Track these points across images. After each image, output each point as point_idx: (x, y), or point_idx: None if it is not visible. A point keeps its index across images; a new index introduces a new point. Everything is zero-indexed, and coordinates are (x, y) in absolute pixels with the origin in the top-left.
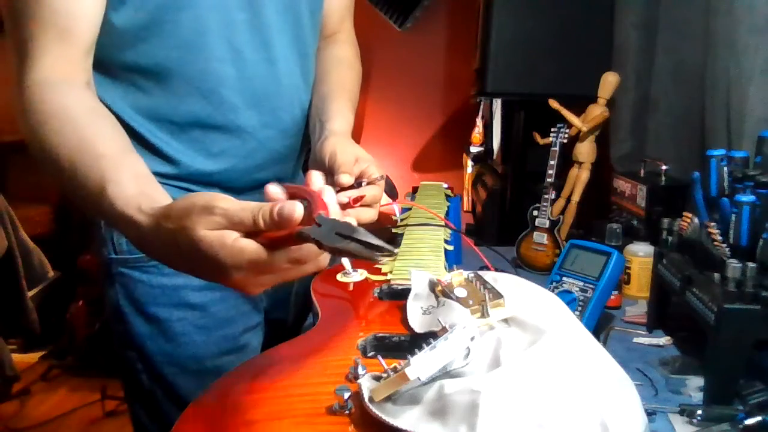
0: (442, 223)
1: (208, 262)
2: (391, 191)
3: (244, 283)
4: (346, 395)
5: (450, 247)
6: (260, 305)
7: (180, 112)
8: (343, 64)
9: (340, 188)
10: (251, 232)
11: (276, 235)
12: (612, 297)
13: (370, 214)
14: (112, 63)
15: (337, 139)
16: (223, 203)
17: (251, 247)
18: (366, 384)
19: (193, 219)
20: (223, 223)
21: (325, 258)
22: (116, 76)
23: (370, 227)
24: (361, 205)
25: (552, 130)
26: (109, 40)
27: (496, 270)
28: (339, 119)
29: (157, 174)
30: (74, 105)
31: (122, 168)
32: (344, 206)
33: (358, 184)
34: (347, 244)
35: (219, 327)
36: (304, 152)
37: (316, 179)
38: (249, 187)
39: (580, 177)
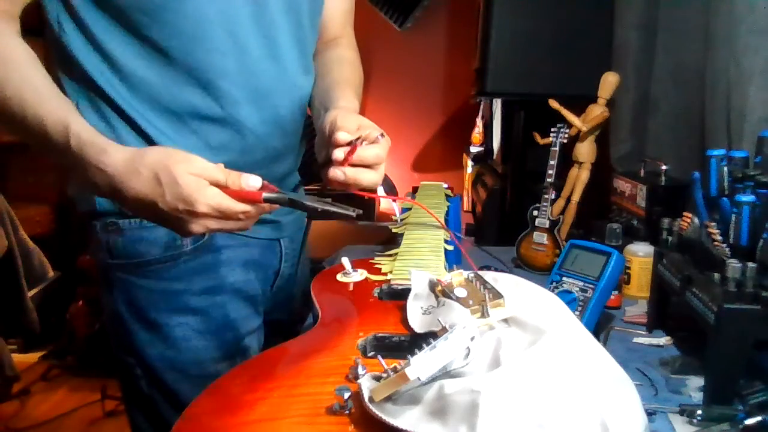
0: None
1: (181, 199)
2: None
3: (201, 223)
4: (346, 395)
5: (450, 247)
6: (260, 308)
7: (179, 101)
8: (345, 61)
9: (337, 145)
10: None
11: (237, 195)
12: (612, 297)
13: (371, 176)
14: (114, 48)
15: (338, 110)
16: (200, 159)
17: (221, 194)
18: (366, 384)
19: (175, 160)
20: (199, 173)
21: (252, 221)
22: (117, 63)
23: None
24: (362, 166)
25: (552, 130)
26: (110, 20)
27: (494, 270)
28: (342, 101)
29: None
30: (13, 46)
31: (73, 110)
32: (340, 162)
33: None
34: (323, 204)
35: (220, 331)
36: (301, 151)
37: None
38: None
39: (580, 177)
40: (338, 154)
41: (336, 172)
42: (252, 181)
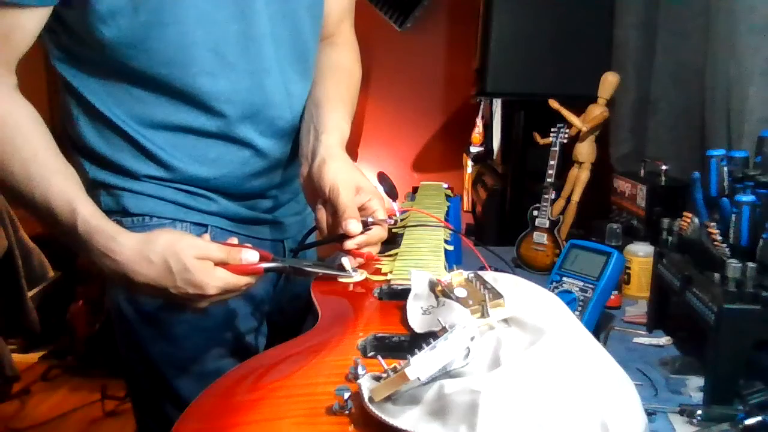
0: (442, 223)
1: (191, 284)
2: (391, 191)
3: (208, 300)
4: (346, 395)
5: (450, 247)
6: (263, 307)
7: (174, 120)
8: (340, 69)
9: (349, 234)
10: (220, 263)
11: (239, 270)
12: (612, 297)
13: (375, 250)
14: (106, 73)
15: (336, 166)
16: (204, 242)
17: (228, 274)
18: (366, 384)
19: (182, 246)
20: (205, 255)
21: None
22: (110, 84)
23: None
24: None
25: (552, 130)
26: (99, 53)
27: (495, 270)
28: (335, 133)
29: (153, 177)
30: (15, 111)
31: (81, 189)
32: (356, 254)
33: (362, 222)
34: (323, 268)
35: (220, 329)
36: None
37: None
38: (245, 195)
39: (580, 177)
40: (350, 245)
41: (347, 263)
42: (250, 256)
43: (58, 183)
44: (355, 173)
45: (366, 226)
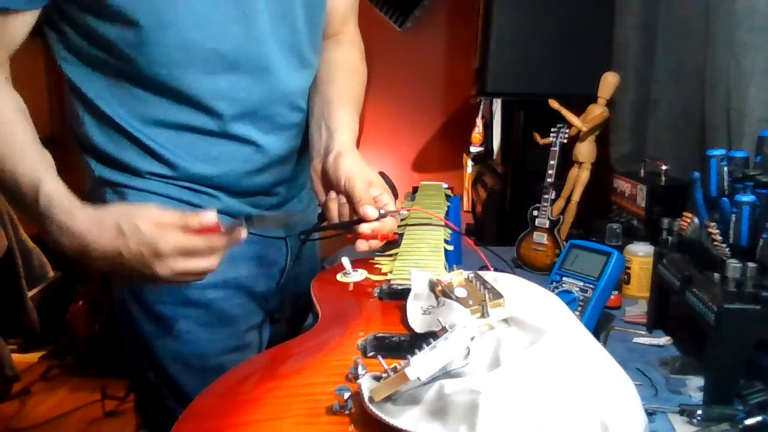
0: (442, 223)
1: (144, 244)
2: (391, 191)
3: (166, 265)
4: (346, 395)
5: (450, 247)
6: (266, 304)
7: (175, 119)
8: (347, 68)
9: (365, 219)
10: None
11: (198, 234)
12: (612, 297)
13: (378, 244)
14: (109, 74)
15: (351, 161)
16: (158, 208)
17: (182, 234)
18: (366, 384)
19: (135, 210)
20: (158, 218)
21: (218, 255)
22: (113, 84)
23: None
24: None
25: (552, 130)
26: (107, 51)
27: (495, 269)
28: (347, 131)
29: (156, 175)
30: (1, 101)
31: (50, 170)
32: (369, 237)
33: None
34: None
35: (223, 325)
36: (305, 153)
37: None
38: (249, 192)
39: (580, 177)
40: (365, 230)
41: (363, 245)
42: (207, 217)
43: (30, 163)
44: (367, 169)
45: (380, 216)
